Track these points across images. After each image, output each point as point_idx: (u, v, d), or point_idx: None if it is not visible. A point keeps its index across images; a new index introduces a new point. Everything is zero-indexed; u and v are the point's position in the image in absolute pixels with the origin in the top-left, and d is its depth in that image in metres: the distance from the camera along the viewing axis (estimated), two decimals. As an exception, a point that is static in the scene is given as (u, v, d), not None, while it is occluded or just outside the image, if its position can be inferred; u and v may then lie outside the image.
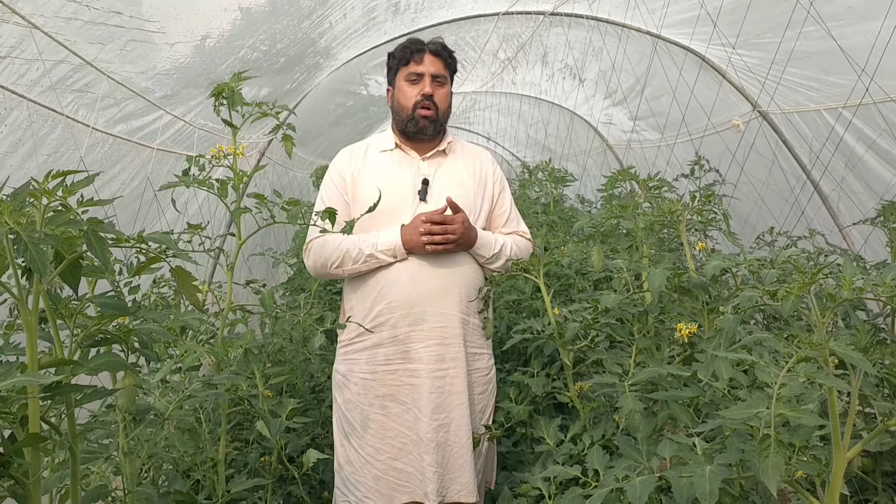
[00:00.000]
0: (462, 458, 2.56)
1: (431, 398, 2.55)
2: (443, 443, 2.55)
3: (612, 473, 1.62)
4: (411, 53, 2.68)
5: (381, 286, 2.58)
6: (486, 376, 2.73)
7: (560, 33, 7.00)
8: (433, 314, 2.57)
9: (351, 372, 2.64)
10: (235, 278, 2.34)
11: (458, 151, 2.81)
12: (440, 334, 2.58)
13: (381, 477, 2.57)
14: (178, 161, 4.18)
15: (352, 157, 2.74)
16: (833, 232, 4.93)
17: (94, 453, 1.53)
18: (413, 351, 2.57)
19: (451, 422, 2.57)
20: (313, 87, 6.36)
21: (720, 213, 2.47)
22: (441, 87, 2.70)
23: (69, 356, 1.22)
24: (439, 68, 2.69)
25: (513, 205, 2.89)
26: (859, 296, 1.27)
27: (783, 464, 1.15)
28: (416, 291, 2.56)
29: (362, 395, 2.60)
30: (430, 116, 2.66)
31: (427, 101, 2.65)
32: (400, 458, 2.57)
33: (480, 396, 2.70)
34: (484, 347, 2.74)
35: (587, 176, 9.76)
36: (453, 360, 2.59)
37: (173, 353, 2.57)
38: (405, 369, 2.58)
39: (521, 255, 2.75)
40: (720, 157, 5.55)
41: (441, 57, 2.70)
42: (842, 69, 4.04)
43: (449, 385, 2.58)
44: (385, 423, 2.58)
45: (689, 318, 2.24)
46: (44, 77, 2.63)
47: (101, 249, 1.07)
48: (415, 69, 2.67)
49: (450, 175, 2.70)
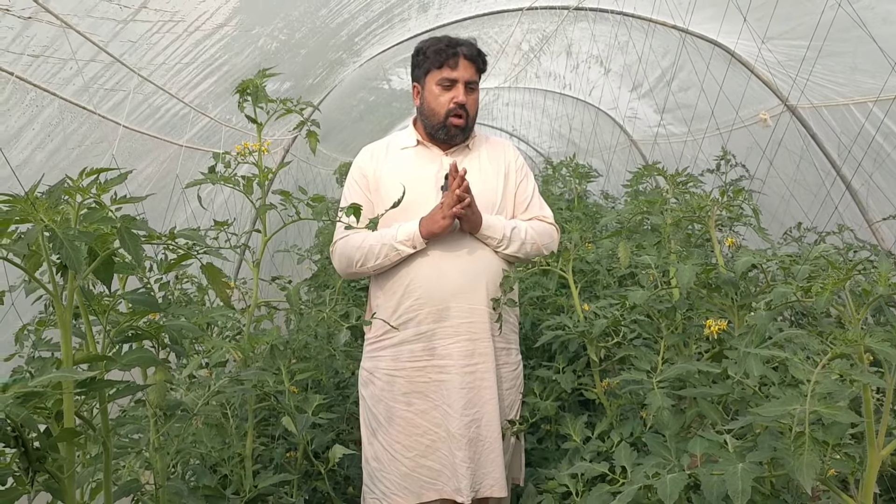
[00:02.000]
0: (493, 452, 2.55)
1: (462, 394, 2.54)
2: (474, 438, 2.54)
3: (641, 470, 1.61)
4: (446, 58, 2.60)
5: (406, 283, 2.57)
6: (514, 371, 2.72)
7: (585, 27, 6.96)
8: (461, 309, 2.55)
9: (377, 368, 2.64)
10: (262, 275, 2.35)
11: (480, 144, 2.77)
12: (468, 329, 2.56)
13: (410, 474, 2.57)
14: (203, 157, 4.20)
15: (373, 155, 2.72)
16: (862, 227, 4.86)
17: (125, 448, 1.54)
18: (441, 347, 2.56)
19: (483, 417, 2.56)
20: (336, 84, 6.38)
21: (750, 209, 2.44)
22: (472, 94, 2.65)
23: (102, 352, 1.23)
24: (472, 74, 2.63)
25: (536, 191, 2.82)
26: (894, 291, 1.25)
27: (818, 462, 1.14)
28: (443, 287, 2.54)
29: (387, 392, 2.60)
30: (461, 125, 2.62)
31: (460, 109, 2.60)
32: (429, 455, 2.57)
33: (509, 392, 2.69)
34: (512, 342, 2.72)
35: (611, 172, 9.70)
36: (483, 356, 2.57)
37: (200, 348, 2.60)
38: (433, 366, 2.57)
39: (540, 239, 2.68)
40: (748, 151, 5.50)
41: (475, 62, 2.63)
42: (871, 64, 3.99)
43: (479, 381, 2.56)
44: (412, 420, 2.58)
45: (718, 314, 2.21)
46: (76, 75, 2.66)
47: (133, 246, 1.08)
48: (448, 75, 2.60)
49: (472, 168, 2.64)
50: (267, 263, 5.37)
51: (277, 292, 3.01)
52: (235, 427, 2.47)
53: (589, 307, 2.69)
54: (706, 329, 2.09)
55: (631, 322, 2.48)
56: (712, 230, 2.37)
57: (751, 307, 2.07)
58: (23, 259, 1.08)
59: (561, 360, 2.97)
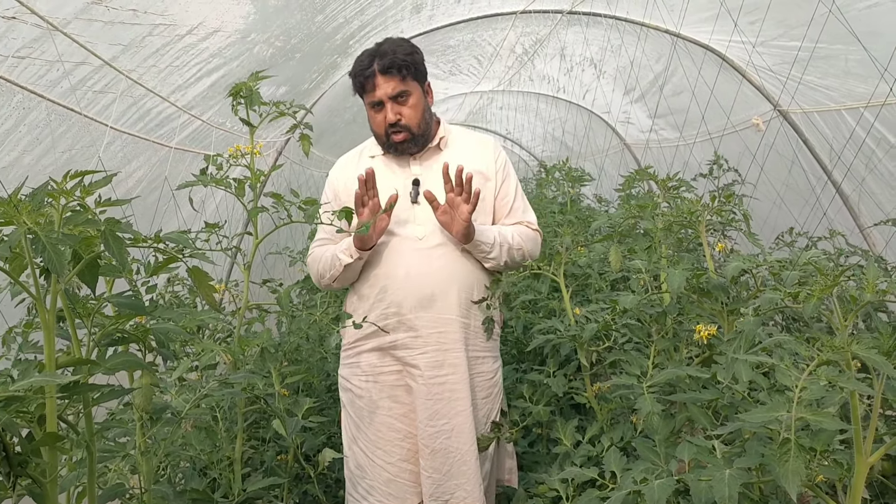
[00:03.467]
0: (465, 464, 2.48)
1: (428, 405, 2.48)
2: (442, 449, 2.48)
3: (630, 476, 1.61)
4: (362, 83, 2.49)
5: (377, 290, 2.51)
6: (490, 380, 2.63)
7: (578, 31, 6.98)
8: (430, 319, 2.48)
9: (353, 375, 2.60)
10: (252, 277, 2.34)
11: (455, 144, 2.63)
12: (438, 340, 2.49)
13: (393, 480, 2.53)
14: (195, 160, 4.19)
15: (343, 168, 2.66)
16: (854, 233, 4.87)
17: (111, 452, 1.53)
18: (409, 357, 2.51)
19: (453, 428, 2.48)
20: (330, 87, 6.37)
21: (740, 214, 2.45)
22: (405, 104, 2.48)
23: (87, 355, 1.22)
24: (395, 85, 2.46)
25: (519, 194, 2.69)
26: (882, 298, 1.25)
27: (804, 468, 1.14)
28: (412, 297, 2.48)
29: (364, 398, 2.56)
30: (403, 140, 2.51)
31: (394, 127, 2.48)
32: (410, 459, 2.53)
33: (484, 401, 2.61)
34: (488, 350, 2.63)
35: (605, 175, 9.72)
36: (453, 366, 2.50)
37: (190, 351, 2.59)
38: (406, 371, 2.53)
39: (525, 245, 2.59)
40: (739, 156, 5.51)
41: (393, 73, 2.45)
42: (863, 69, 4.00)
43: (448, 392, 2.49)
44: (393, 425, 2.54)
45: (708, 319, 2.22)
46: (62, 77, 2.65)
47: (118, 249, 1.07)
48: (371, 98, 2.49)
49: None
50: (258, 266, 5.36)
51: (269, 295, 3.00)
52: (225, 430, 2.46)
53: (580, 311, 2.69)
54: (696, 334, 2.09)
55: (622, 326, 2.47)
56: (703, 235, 2.37)
57: (740, 312, 2.07)
58: (6, 262, 1.07)
59: (552, 364, 2.96)
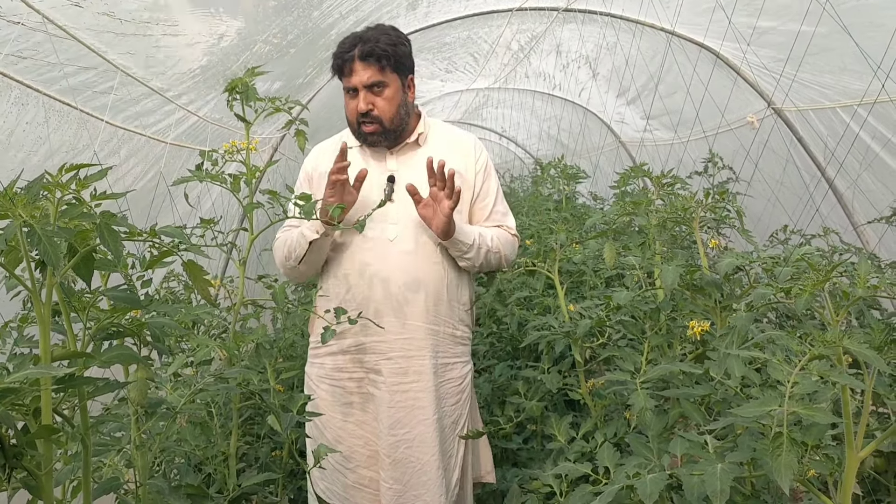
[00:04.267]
0: (427, 475, 2.41)
1: (390, 413, 2.42)
2: (403, 459, 2.41)
3: (623, 471, 1.62)
4: (340, 66, 2.40)
5: (343, 291, 2.45)
6: (459, 386, 2.55)
7: (574, 29, 6.99)
8: (396, 324, 2.42)
9: (318, 376, 2.54)
10: (248, 273, 2.34)
11: (434, 140, 2.54)
12: (403, 346, 2.43)
13: (351, 486, 2.48)
14: (191, 156, 4.19)
15: (318, 157, 2.58)
16: (848, 230, 4.89)
17: (106, 446, 1.54)
18: (372, 361, 2.45)
19: (415, 438, 2.42)
20: (326, 83, 6.37)
21: (734, 211, 2.46)
22: (380, 95, 2.39)
23: (82, 349, 1.22)
24: (372, 74, 2.37)
25: (499, 197, 2.61)
26: (874, 294, 1.26)
27: (796, 462, 1.15)
28: (376, 299, 2.41)
29: (327, 400, 2.51)
30: (373, 131, 2.42)
31: (364, 117, 2.40)
32: (371, 465, 2.47)
33: (453, 408, 2.53)
34: (458, 356, 2.56)
35: (600, 173, 9.74)
36: (417, 374, 2.43)
37: (185, 346, 2.59)
38: (368, 379, 2.47)
39: (503, 249, 2.53)
40: (734, 154, 5.53)
41: (372, 61, 2.36)
42: (857, 66, 4.01)
43: (412, 400, 2.43)
44: (354, 431, 2.48)
45: (701, 315, 2.23)
46: (61, 75, 2.65)
47: (113, 243, 1.07)
48: (346, 83, 2.41)
49: (421, 169, 2.38)
50: (254, 262, 5.36)
51: (265, 291, 3.00)
52: (220, 426, 2.47)
53: (575, 308, 2.70)
54: (689, 330, 2.10)
55: (616, 323, 2.48)
56: (696, 232, 2.38)
57: (733, 308, 2.09)
58: (1, 255, 1.08)
59: (546, 361, 2.97)
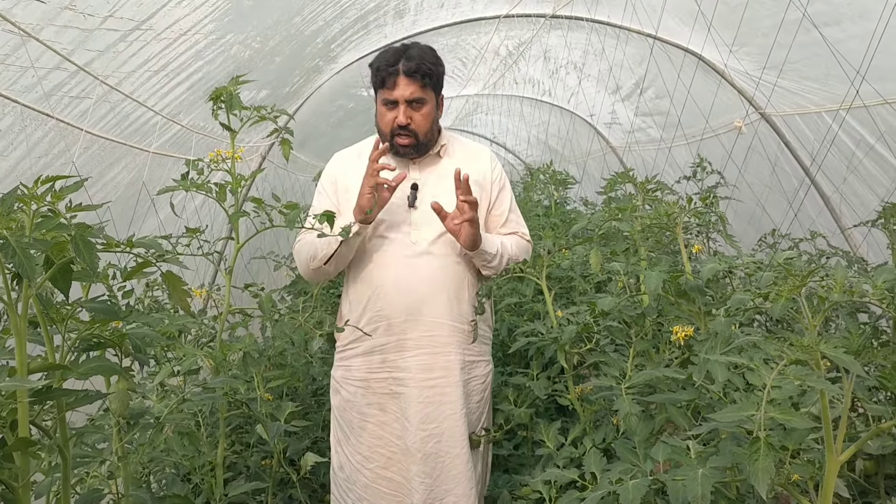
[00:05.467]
0: (456, 468, 2.50)
1: (420, 408, 2.49)
2: (433, 454, 2.49)
3: (608, 477, 1.62)
4: (385, 76, 2.48)
5: (370, 293, 2.52)
6: (482, 383, 2.65)
7: (560, 35, 7.01)
8: (422, 322, 2.50)
9: (344, 378, 2.61)
10: (237, 282, 2.34)
11: (454, 152, 2.66)
12: (430, 343, 2.51)
13: (370, 485, 2.54)
14: (175, 164, 4.17)
15: (342, 162, 2.66)
16: (835, 234, 4.92)
17: (87, 457, 1.53)
18: (400, 360, 2.51)
19: (444, 432, 2.50)
20: (314, 91, 6.37)
21: (717, 216, 2.47)
22: (419, 111, 2.50)
23: (62, 360, 1.22)
24: (415, 90, 2.47)
25: (513, 206, 2.73)
26: (850, 298, 1.27)
27: (773, 467, 1.15)
28: (404, 299, 2.49)
29: (353, 402, 2.57)
30: (407, 144, 2.51)
31: (402, 130, 2.49)
32: (389, 467, 2.53)
33: (477, 404, 2.63)
34: (482, 354, 2.65)
35: (590, 178, 9.76)
36: (444, 370, 2.52)
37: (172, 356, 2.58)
38: (393, 378, 2.53)
39: (520, 256, 2.64)
40: (723, 158, 5.55)
41: (416, 77, 2.46)
42: (840, 71, 4.03)
43: (440, 395, 2.51)
44: (374, 432, 2.54)
45: (686, 320, 2.23)
46: (37, 82, 2.63)
47: (88, 254, 1.07)
48: (388, 95, 2.48)
49: (442, 178, 2.53)
50: (242, 271, 5.35)
51: (253, 300, 2.99)
52: (207, 435, 2.46)
53: (563, 313, 2.70)
54: (673, 335, 2.11)
55: (603, 328, 2.49)
56: (680, 237, 2.39)
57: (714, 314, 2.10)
58: (-23, 267, 1.07)
59: (535, 367, 2.98)
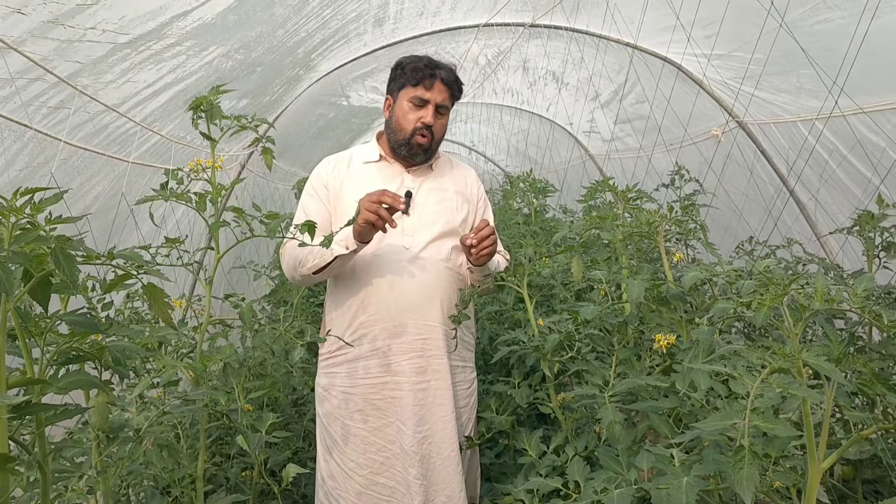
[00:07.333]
0: (446, 469, 2.54)
1: (415, 411, 2.53)
2: (427, 455, 2.53)
3: (592, 486, 1.62)
4: (423, 77, 2.60)
5: (362, 298, 2.55)
6: (468, 389, 2.71)
7: (540, 45, 7.04)
8: (415, 326, 2.54)
9: (332, 385, 2.62)
10: (217, 292, 2.32)
11: (444, 167, 2.77)
12: (422, 346, 2.55)
13: (363, 492, 2.55)
14: (154, 174, 4.14)
15: (335, 166, 2.69)
16: (811, 241, 4.97)
17: (66, 472, 1.51)
18: (395, 363, 2.54)
19: (434, 434, 2.55)
20: (294, 100, 6.35)
21: (697, 224, 2.48)
22: (441, 118, 2.65)
23: (41, 374, 1.20)
24: (445, 98, 2.63)
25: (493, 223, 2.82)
26: (831, 307, 1.28)
27: (757, 475, 1.16)
28: (398, 303, 2.53)
29: (343, 409, 2.58)
30: (425, 145, 2.62)
31: (426, 129, 2.60)
32: (382, 472, 2.55)
33: (463, 410, 2.68)
34: (467, 360, 2.72)
35: (569, 187, 9.79)
36: (435, 372, 2.56)
37: (152, 367, 2.55)
38: (386, 382, 2.55)
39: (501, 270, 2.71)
40: (700, 166, 5.60)
41: (450, 87, 2.63)
42: (814, 82, 4.08)
43: (431, 397, 2.55)
44: (366, 438, 2.56)
45: (668, 328, 2.24)
46: (14, 93, 2.60)
47: (69, 267, 1.06)
48: (422, 94, 2.60)
49: (434, 189, 2.66)
50: (222, 280, 5.31)
51: (233, 310, 2.97)
52: (188, 447, 2.43)
53: (544, 322, 2.70)
54: (655, 343, 2.11)
55: (585, 336, 2.49)
56: (661, 245, 2.40)
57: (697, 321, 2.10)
58: (-45, 281, 1.05)
59: (517, 375, 2.98)
